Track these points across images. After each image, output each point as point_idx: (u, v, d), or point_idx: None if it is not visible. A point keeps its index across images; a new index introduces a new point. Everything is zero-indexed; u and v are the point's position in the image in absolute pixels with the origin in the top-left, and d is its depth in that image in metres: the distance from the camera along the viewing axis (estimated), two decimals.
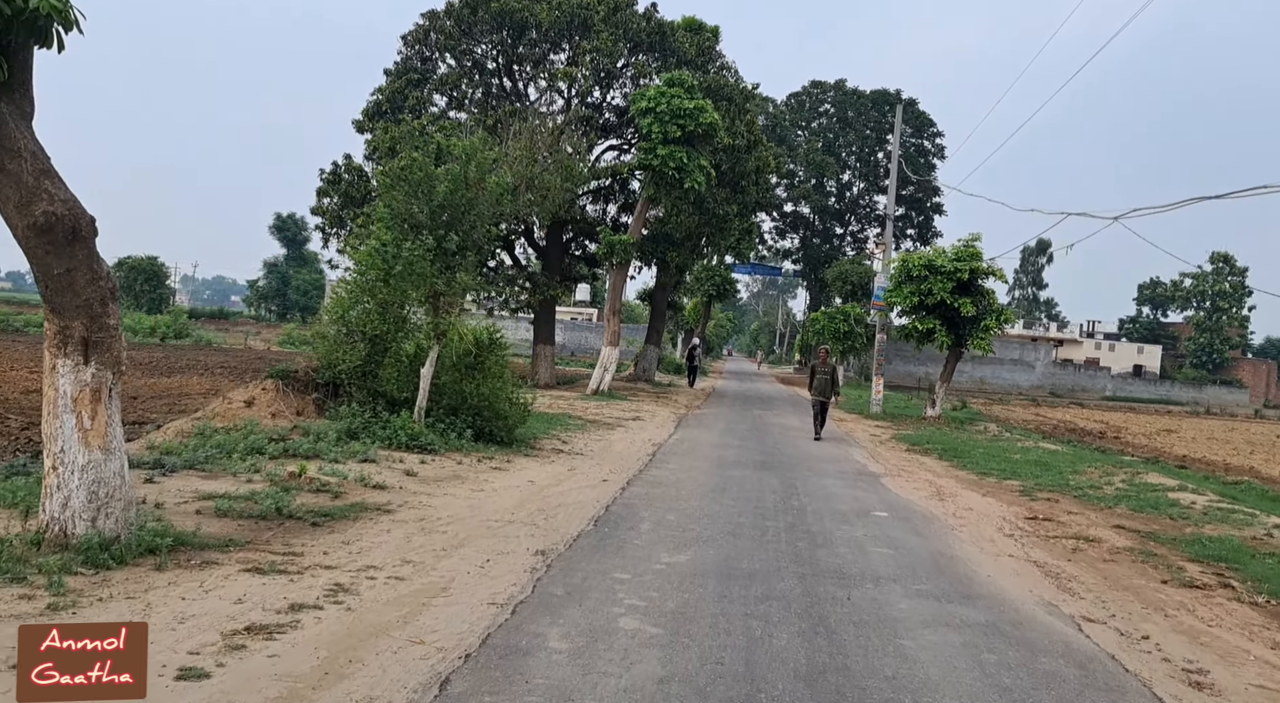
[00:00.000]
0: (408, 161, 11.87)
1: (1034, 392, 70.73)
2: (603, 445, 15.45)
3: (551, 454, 13.61)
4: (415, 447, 11.76)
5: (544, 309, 32.18)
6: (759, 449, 16.92)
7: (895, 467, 16.08)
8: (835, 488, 12.63)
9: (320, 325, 12.89)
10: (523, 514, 8.92)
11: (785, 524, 9.48)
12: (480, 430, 13.09)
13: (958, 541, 9.52)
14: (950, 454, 18.53)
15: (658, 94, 25.71)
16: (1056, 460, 18.33)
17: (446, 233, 11.64)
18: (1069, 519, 11.39)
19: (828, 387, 20.27)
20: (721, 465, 14.00)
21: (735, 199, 30.39)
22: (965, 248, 27.62)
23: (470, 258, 12.30)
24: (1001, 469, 16.29)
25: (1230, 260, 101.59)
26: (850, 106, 68.35)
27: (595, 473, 12.12)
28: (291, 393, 12.32)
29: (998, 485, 14.49)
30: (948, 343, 27.56)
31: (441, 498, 9.36)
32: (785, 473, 13.74)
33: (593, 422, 19.41)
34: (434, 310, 12.31)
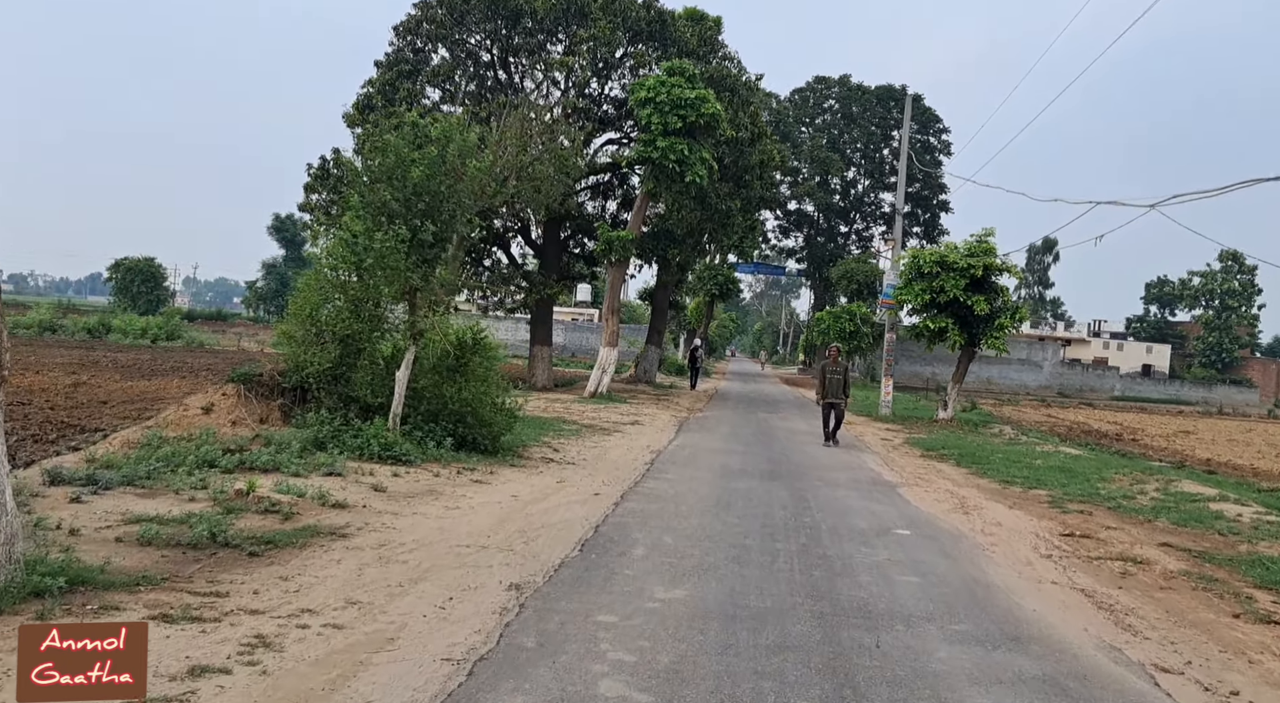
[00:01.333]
0: (380, 144, 10.82)
1: (1042, 392, 69.60)
2: (597, 454, 14.37)
3: (540, 464, 12.54)
4: (389, 458, 10.70)
5: (541, 309, 31.11)
6: (765, 456, 15.85)
7: (912, 475, 15.00)
8: (850, 501, 11.56)
9: (287, 325, 11.83)
10: (500, 537, 7.86)
11: (798, 546, 8.41)
12: (462, 439, 12.03)
13: (991, 564, 8.45)
14: (968, 460, 17.45)
15: (657, 83, 24.65)
16: (1081, 467, 17.24)
17: (423, 222, 10.58)
18: (1109, 536, 10.31)
19: (839, 388, 18.91)
20: (725, 475, 12.94)
21: (738, 194, 29.30)
22: (978, 243, 26.54)
23: (451, 251, 11.23)
24: (1025, 477, 15.21)
25: (1239, 258, 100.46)
26: (855, 102, 67.18)
27: (587, 486, 11.05)
28: (255, 399, 11.27)
29: (1023, 496, 13.41)
30: (960, 342, 26.47)
31: (409, 518, 8.29)
32: (795, 483, 12.67)
33: (588, 427, 18.35)
34: (410, 308, 11.26)
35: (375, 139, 25.31)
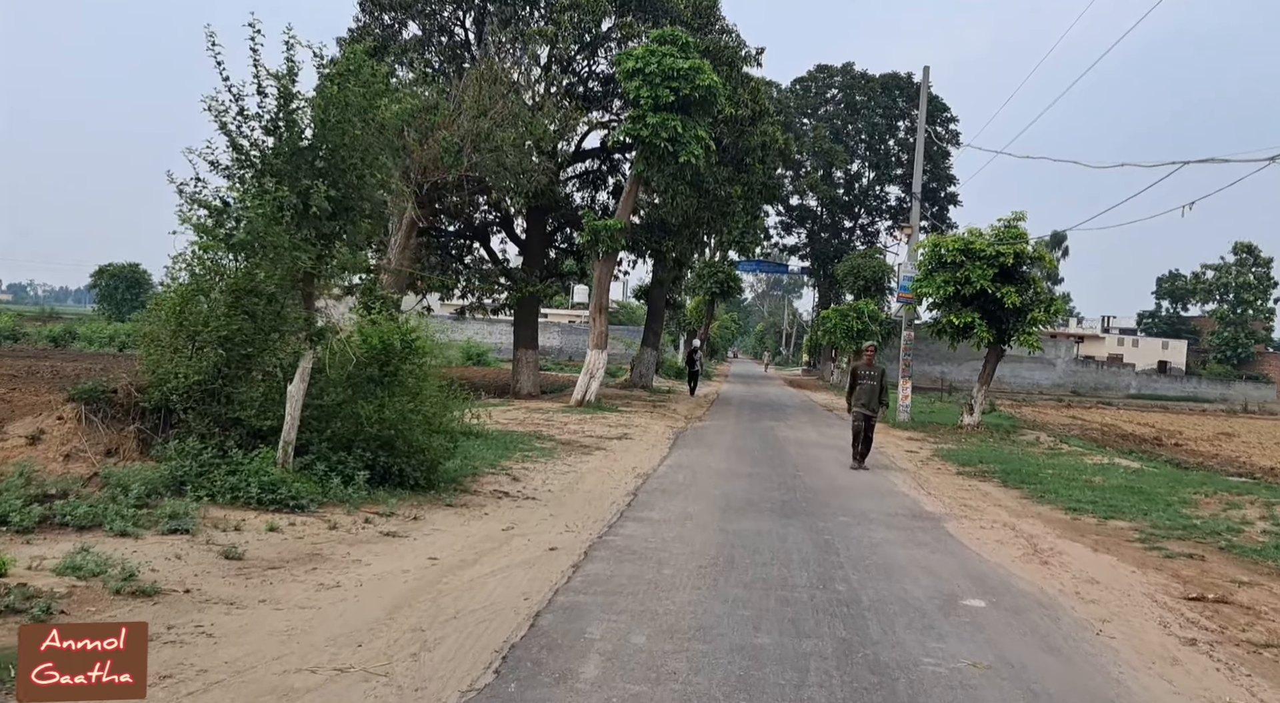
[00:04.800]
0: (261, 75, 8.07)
1: (1055, 391, 66.77)
2: (568, 482, 11.60)
3: (489, 501, 9.76)
4: (273, 502, 7.95)
5: (525, 308, 28.34)
6: (776, 479, 13.08)
7: (955, 501, 12.24)
8: (891, 547, 8.79)
9: (149, 324, 9.07)
10: (379, 645, 5.10)
11: (835, 644, 5.64)
12: (385, 470, 9.27)
13: (1121, 664, 5.69)
14: (1015, 479, 14.66)
15: (646, 53, 21.89)
16: (1149, 485, 14.48)
17: (314, 183, 7.83)
18: (1252, 599, 7.54)
19: (874, 397, 14.98)
20: (726, 511, 10.16)
21: (738, 179, 26.54)
22: (1007, 228, 23.76)
23: (360, 223, 8.48)
24: (1091, 502, 12.44)
25: (1254, 251, 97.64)
26: (859, 91, 64.40)
27: (542, 535, 8.29)
28: (103, 423, 8.51)
29: (1101, 530, 10.64)
30: (988, 339, 23.66)
31: (248, 613, 5.51)
32: (816, 521, 9.90)
33: (567, 443, 15.58)
34: (305, 301, 8.51)
35: None
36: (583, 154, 28.58)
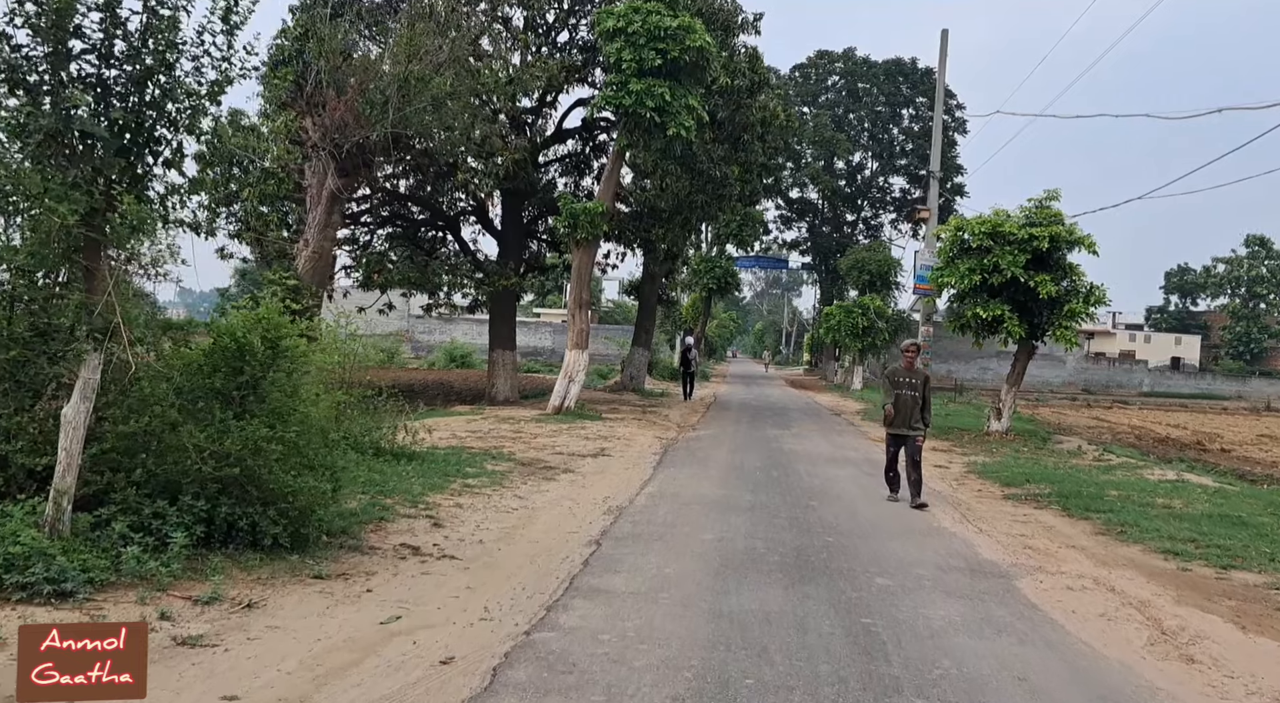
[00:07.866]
0: None
1: (1066, 389, 63.99)
2: (511, 524, 8.77)
3: (383, 564, 6.94)
4: (20, 588, 5.16)
5: (500, 304, 25.58)
6: (785, 514, 10.26)
7: (1016, 542, 9.43)
8: (961, 639, 5.98)
9: None
10: None
11: None
12: (231, 526, 6.47)
13: None
14: (1077, 505, 11.83)
15: (629, 10, 19.08)
16: (1245, 510, 11.72)
17: (83, 91, 5.06)
18: None
19: (914, 411, 11.25)
20: (720, 573, 7.34)
21: (735, 158, 23.74)
22: (1039, 209, 20.96)
23: (171, 159, 5.67)
24: (1190, 539, 9.65)
25: (1267, 244, 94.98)
26: (861, 77, 61.63)
27: (441, 630, 5.48)
28: None
29: (1230, 589, 7.85)
30: (1020, 334, 20.85)
31: None
32: (845, 588, 7.09)
33: (527, 464, 12.77)
34: (86, 278, 5.72)
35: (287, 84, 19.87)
36: (563, 134, 25.80)
